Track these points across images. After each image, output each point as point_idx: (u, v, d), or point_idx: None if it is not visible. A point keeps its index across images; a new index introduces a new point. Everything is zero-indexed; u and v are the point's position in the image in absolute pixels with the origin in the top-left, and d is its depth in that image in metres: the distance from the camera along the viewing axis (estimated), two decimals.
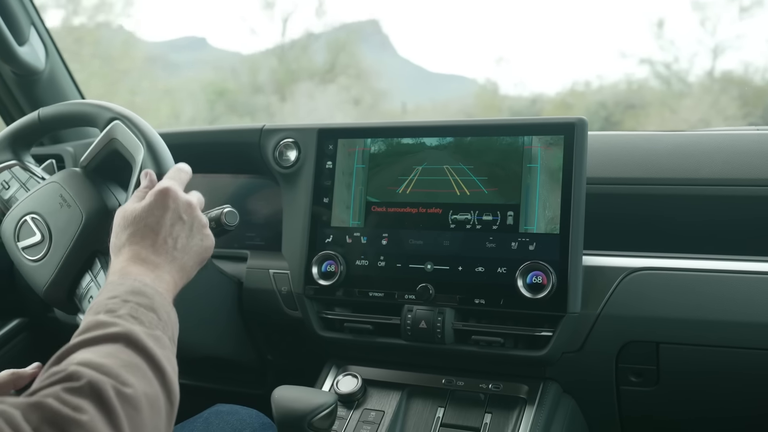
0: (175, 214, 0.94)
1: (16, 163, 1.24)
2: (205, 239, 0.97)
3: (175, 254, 0.91)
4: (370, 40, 10.42)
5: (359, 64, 9.60)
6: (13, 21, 1.64)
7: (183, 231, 0.94)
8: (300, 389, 1.04)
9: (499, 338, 1.17)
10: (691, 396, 1.22)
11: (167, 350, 0.76)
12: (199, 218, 0.97)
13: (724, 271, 1.13)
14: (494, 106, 8.44)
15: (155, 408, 0.68)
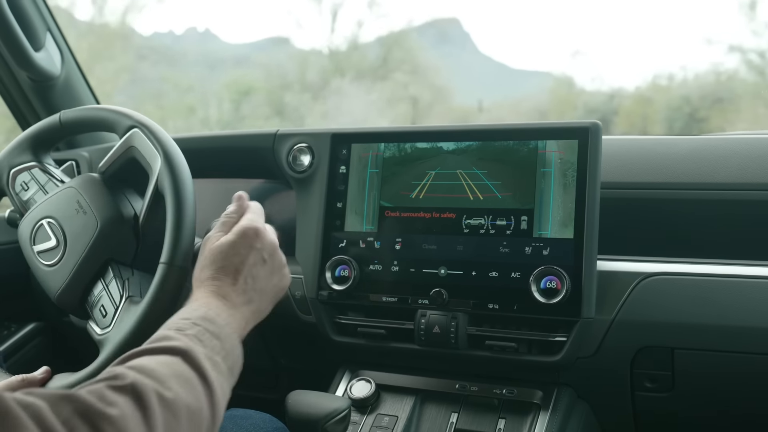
0: (258, 254, 0.96)
1: (35, 164, 1.25)
2: (283, 279, 1.00)
3: (253, 296, 0.93)
4: (450, 38, 10.35)
5: (415, 59, 9.45)
6: (29, 27, 1.66)
7: (262, 272, 0.96)
8: (313, 394, 1.04)
9: (512, 343, 1.17)
10: (707, 402, 1.21)
11: (222, 377, 0.78)
12: (280, 259, 0.99)
13: (740, 276, 1.13)
14: (569, 102, 8.28)
15: (195, 422, 0.69)
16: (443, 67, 9.48)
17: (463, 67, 9.16)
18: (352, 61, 9.15)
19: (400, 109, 8.05)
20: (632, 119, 9.36)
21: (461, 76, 8.96)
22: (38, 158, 1.26)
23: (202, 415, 0.70)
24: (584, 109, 8.31)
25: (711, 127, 7.47)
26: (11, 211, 1.38)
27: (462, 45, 9.77)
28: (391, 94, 8.78)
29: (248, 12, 10.44)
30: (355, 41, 9.27)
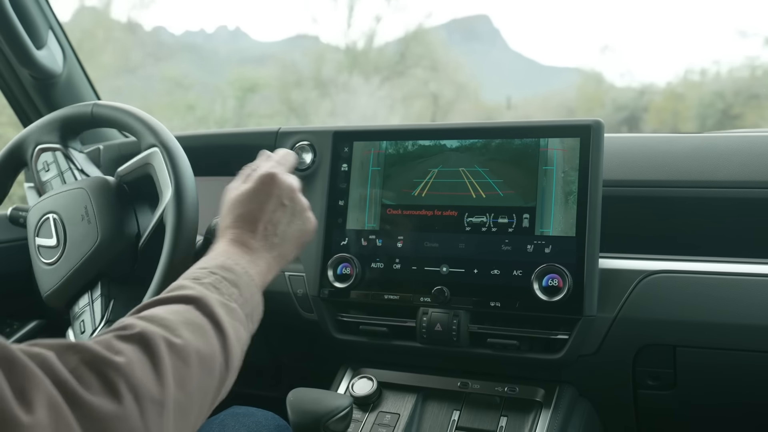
0: (277, 200, 0.96)
1: (60, 147, 1.24)
2: (306, 222, 0.99)
3: (275, 240, 0.94)
4: (479, 34, 10.25)
5: (435, 54, 9.28)
6: (31, 25, 1.66)
7: (284, 217, 0.96)
8: (315, 392, 1.04)
9: (514, 341, 1.17)
10: (709, 399, 1.21)
11: (238, 323, 0.78)
12: (301, 203, 0.99)
13: (742, 274, 1.12)
14: (596, 99, 8.15)
15: (208, 367, 0.69)
16: (470, 64, 9.35)
17: (492, 63, 9.09)
18: (369, 57, 9.03)
19: (415, 107, 7.94)
20: (662, 116, 9.10)
21: (490, 72, 8.88)
22: (64, 142, 1.25)
23: (214, 360, 0.70)
24: (613, 105, 8.16)
25: (746, 124, 7.31)
26: (13, 209, 1.38)
27: (492, 41, 9.70)
28: (408, 91, 8.67)
29: (278, 10, 10.50)
30: (372, 36, 9.11)
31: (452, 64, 9.14)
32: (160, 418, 0.60)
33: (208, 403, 0.70)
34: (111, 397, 0.56)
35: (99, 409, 0.55)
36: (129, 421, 0.57)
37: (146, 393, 0.59)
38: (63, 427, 0.51)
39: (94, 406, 0.55)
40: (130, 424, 0.57)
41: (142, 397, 0.58)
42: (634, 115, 8.56)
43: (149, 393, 0.59)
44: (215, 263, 0.84)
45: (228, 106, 8.54)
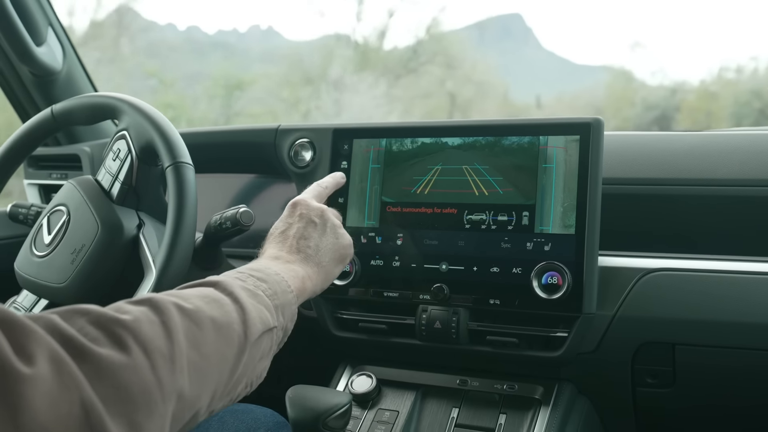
0: (305, 219, 1.02)
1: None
2: (341, 238, 1.04)
3: (309, 252, 0.98)
4: (512, 33, 10.16)
5: (448, 51, 9.07)
6: (30, 22, 1.66)
7: (314, 232, 1.00)
8: (314, 389, 1.04)
9: (513, 339, 1.17)
10: (708, 398, 1.21)
11: (262, 306, 0.78)
12: (332, 221, 1.04)
13: (742, 272, 1.13)
14: (626, 98, 7.93)
15: (224, 334, 0.69)
16: (501, 63, 9.26)
17: (524, 62, 9.03)
18: (380, 54, 8.87)
19: (427, 107, 7.81)
20: (695, 116, 8.70)
21: (522, 71, 8.81)
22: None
23: (231, 329, 0.71)
24: (643, 105, 7.94)
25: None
26: (13, 206, 1.38)
27: (524, 40, 9.65)
28: (419, 89, 8.52)
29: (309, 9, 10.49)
30: (384, 32, 8.96)
31: (470, 61, 9.01)
32: (172, 374, 0.60)
33: (227, 369, 0.70)
34: (119, 350, 0.56)
35: (107, 360, 0.54)
36: (140, 373, 0.56)
37: (155, 347, 0.59)
38: (67, 380, 0.51)
39: (102, 357, 0.54)
40: (142, 377, 0.57)
41: (151, 351, 0.58)
42: (666, 115, 8.23)
43: (158, 348, 0.59)
44: (247, 268, 0.86)
45: (214, 105, 8.46)
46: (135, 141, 1.15)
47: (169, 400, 0.59)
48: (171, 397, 0.59)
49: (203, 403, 0.66)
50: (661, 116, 7.54)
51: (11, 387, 0.47)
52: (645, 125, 9.70)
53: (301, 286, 0.90)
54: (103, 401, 0.53)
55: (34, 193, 1.88)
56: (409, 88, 8.57)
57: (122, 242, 1.14)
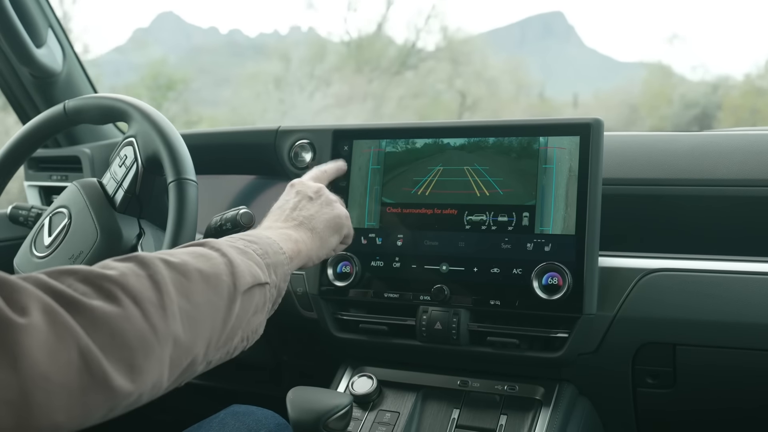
0: (301, 195, 1.05)
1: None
2: (336, 209, 1.06)
3: (302, 220, 1.00)
4: (554, 31, 9.98)
5: (452, 43, 8.77)
6: (30, 23, 1.66)
7: (312, 206, 1.03)
8: (315, 390, 1.04)
9: (514, 339, 1.17)
10: (709, 398, 1.21)
11: (251, 261, 0.80)
12: (327, 196, 1.07)
13: (742, 273, 1.13)
14: (663, 94, 7.57)
15: (212, 284, 0.71)
16: (541, 61, 9.09)
17: (566, 60, 8.92)
18: (375, 48, 8.64)
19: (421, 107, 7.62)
20: (739, 114, 8.56)
21: (563, 69, 8.69)
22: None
23: (219, 279, 0.72)
24: (681, 102, 7.57)
25: None
26: (13, 207, 1.38)
27: (566, 38, 9.55)
28: (417, 87, 8.26)
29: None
30: (381, 24, 8.65)
31: (480, 56, 8.80)
32: (165, 321, 0.62)
33: (219, 319, 0.71)
34: (109, 302, 0.58)
35: (100, 311, 0.56)
36: (133, 321, 0.59)
37: (145, 297, 0.61)
38: (62, 330, 0.52)
39: (95, 308, 0.56)
40: (135, 324, 0.59)
41: (141, 301, 0.60)
42: (707, 113, 7.77)
43: (148, 298, 0.61)
44: (239, 234, 0.88)
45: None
46: (142, 149, 1.15)
47: (165, 345, 0.62)
48: (167, 342, 0.62)
49: (199, 350, 0.68)
50: (702, 114, 7.20)
51: (9, 337, 0.49)
52: (684, 125, 9.26)
53: (294, 248, 0.92)
54: (101, 348, 0.55)
55: (35, 195, 1.88)
56: (404, 85, 8.33)
57: (120, 252, 1.14)
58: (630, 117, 7.11)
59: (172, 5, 15.05)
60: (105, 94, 1.21)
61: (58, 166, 1.83)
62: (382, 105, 8.07)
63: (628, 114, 7.01)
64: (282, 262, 0.87)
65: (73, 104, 1.22)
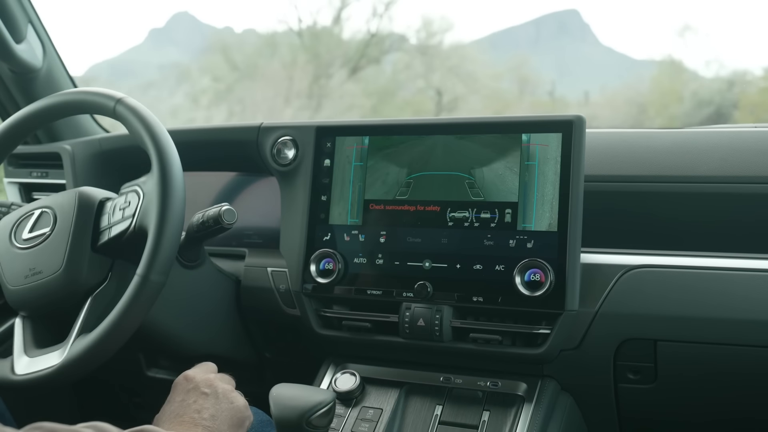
0: (195, 392, 0.99)
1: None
2: (235, 401, 1.01)
3: (206, 424, 0.95)
4: (569, 29, 9.66)
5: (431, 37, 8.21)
6: (10, 19, 1.64)
7: (207, 402, 0.98)
8: (298, 387, 1.04)
9: (497, 336, 1.17)
10: (689, 393, 1.22)
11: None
12: (222, 387, 1.01)
13: (722, 269, 1.13)
14: (673, 92, 7.03)
15: None
16: (555, 60, 8.79)
17: (581, 59, 8.74)
18: (332, 41, 8.15)
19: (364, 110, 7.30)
20: (758, 112, 7.72)
21: (578, 68, 8.47)
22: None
23: None
24: (693, 100, 7.00)
25: None
26: None
27: (581, 37, 9.36)
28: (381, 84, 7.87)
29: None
30: (340, 11, 8.06)
31: (453, 48, 8.46)
32: None
33: None
34: None
35: None
36: None
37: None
38: None
39: None
40: None
41: None
42: (721, 112, 7.27)
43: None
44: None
45: None
46: (140, 214, 1.12)
47: None
48: None
49: None
50: (716, 113, 6.80)
51: None
52: (696, 125, 8.92)
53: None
54: None
55: (14, 192, 1.86)
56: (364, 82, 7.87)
57: (74, 291, 1.14)
58: (638, 117, 6.73)
59: (187, 5, 14.92)
60: (154, 124, 1.14)
61: (38, 163, 1.81)
62: (323, 104, 7.60)
63: (636, 113, 6.63)
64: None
65: (124, 110, 1.16)
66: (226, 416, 0.97)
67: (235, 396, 1.01)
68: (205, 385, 1.00)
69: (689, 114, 6.86)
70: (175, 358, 1.52)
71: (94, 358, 1.06)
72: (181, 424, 0.94)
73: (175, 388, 1.01)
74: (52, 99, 1.24)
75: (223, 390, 1.00)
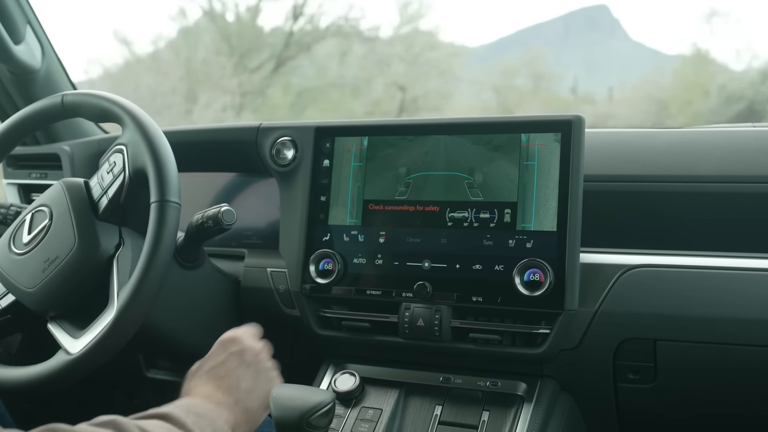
0: (237, 358, 0.98)
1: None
2: (273, 381, 1.00)
3: (239, 396, 0.94)
4: (599, 25, 9.34)
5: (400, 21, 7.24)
6: (8, 20, 1.64)
7: (247, 373, 0.97)
8: (298, 387, 1.04)
9: (496, 336, 1.17)
10: (689, 393, 1.22)
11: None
12: (265, 364, 1.01)
13: (721, 268, 1.13)
14: (698, 86, 5.97)
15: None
16: (582, 56, 8.43)
17: (611, 54, 8.52)
18: (254, 29, 7.24)
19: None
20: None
21: (607, 63, 8.23)
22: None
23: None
24: (721, 95, 6.00)
25: None
26: None
27: (611, 32, 9.15)
28: (303, 83, 6.93)
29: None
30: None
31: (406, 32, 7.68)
32: None
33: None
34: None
35: None
36: None
37: None
38: None
39: None
40: None
41: None
42: (754, 108, 6.38)
43: None
44: (182, 403, 0.86)
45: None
46: (131, 160, 1.13)
47: None
48: None
49: None
50: (748, 110, 6.00)
51: None
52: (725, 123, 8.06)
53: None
54: None
55: (14, 193, 1.86)
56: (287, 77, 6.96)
57: (96, 262, 1.13)
58: (658, 115, 6.06)
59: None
60: (104, 94, 1.19)
61: (37, 164, 1.81)
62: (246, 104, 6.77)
63: (655, 111, 5.99)
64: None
65: (72, 98, 1.20)
66: (260, 394, 0.97)
67: (274, 376, 1.01)
68: (251, 355, 0.99)
69: (716, 111, 6.09)
70: (174, 358, 1.52)
71: (146, 297, 1.05)
72: (218, 388, 0.93)
73: (221, 346, 1.00)
74: (31, 108, 1.24)
75: (265, 368, 1.00)
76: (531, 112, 1.28)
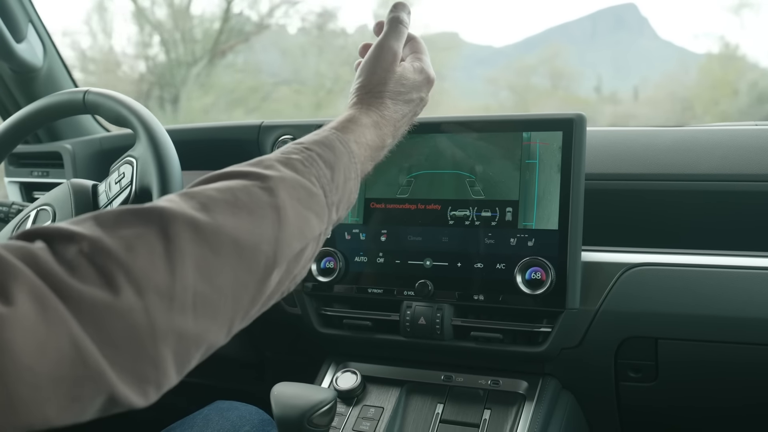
0: (422, 105, 0.92)
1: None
2: (420, 112, 0.94)
3: (398, 134, 0.88)
4: (626, 24, 9.14)
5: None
6: (10, 18, 1.64)
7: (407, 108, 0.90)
8: (299, 386, 1.04)
9: (498, 334, 1.17)
10: (690, 391, 1.22)
11: (311, 213, 0.67)
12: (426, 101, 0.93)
13: (723, 267, 1.13)
14: (726, 84, 5.62)
15: (247, 259, 0.59)
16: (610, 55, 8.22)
17: (640, 52, 8.38)
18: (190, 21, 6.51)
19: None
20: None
21: (635, 62, 8.07)
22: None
23: (258, 251, 0.60)
24: (752, 93, 5.59)
25: None
26: None
27: (639, 31, 9.03)
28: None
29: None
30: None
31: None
32: (169, 313, 0.52)
33: (246, 301, 0.60)
34: (106, 288, 0.49)
35: (90, 299, 0.48)
36: (128, 316, 0.50)
37: (150, 285, 0.51)
38: (53, 318, 0.46)
39: (84, 295, 0.48)
40: (130, 319, 0.50)
41: (144, 290, 0.51)
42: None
43: (155, 285, 0.51)
44: (317, 138, 0.75)
45: None
46: (139, 176, 1.13)
47: (163, 342, 0.52)
48: (166, 339, 0.52)
49: (215, 336, 0.58)
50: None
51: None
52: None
53: (369, 155, 0.82)
54: (94, 340, 0.48)
55: (15, 191, 1.86)
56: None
57: None
58: (682, 115, 5.88)
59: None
60: (125, 100, 1.17)
61: (39, 162, 1.81)
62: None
63: (679, 111, 5.65)
64: (352, 192, 0.76)
65: (94, 97, 1.19)
66: (407, 122, 0.90)
67: (423, 108, 0.93)
68: (426, 89, 0.91)
69: (745, 112, 5.71)
70: None
71: None
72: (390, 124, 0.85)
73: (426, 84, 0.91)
74: (52, 99, 1.24)
75: (425, 104, 0.93)
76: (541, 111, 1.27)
